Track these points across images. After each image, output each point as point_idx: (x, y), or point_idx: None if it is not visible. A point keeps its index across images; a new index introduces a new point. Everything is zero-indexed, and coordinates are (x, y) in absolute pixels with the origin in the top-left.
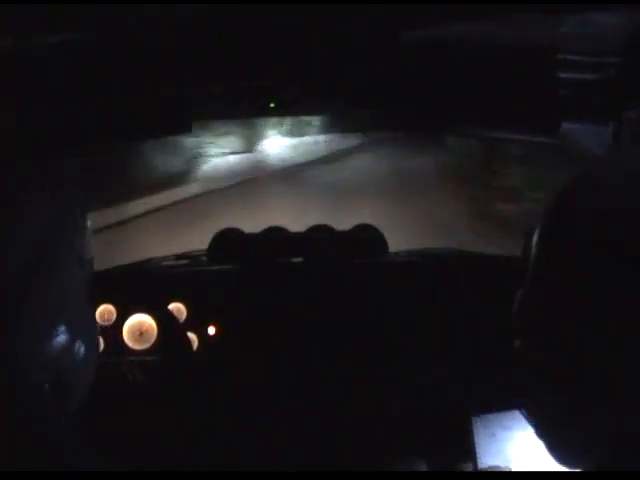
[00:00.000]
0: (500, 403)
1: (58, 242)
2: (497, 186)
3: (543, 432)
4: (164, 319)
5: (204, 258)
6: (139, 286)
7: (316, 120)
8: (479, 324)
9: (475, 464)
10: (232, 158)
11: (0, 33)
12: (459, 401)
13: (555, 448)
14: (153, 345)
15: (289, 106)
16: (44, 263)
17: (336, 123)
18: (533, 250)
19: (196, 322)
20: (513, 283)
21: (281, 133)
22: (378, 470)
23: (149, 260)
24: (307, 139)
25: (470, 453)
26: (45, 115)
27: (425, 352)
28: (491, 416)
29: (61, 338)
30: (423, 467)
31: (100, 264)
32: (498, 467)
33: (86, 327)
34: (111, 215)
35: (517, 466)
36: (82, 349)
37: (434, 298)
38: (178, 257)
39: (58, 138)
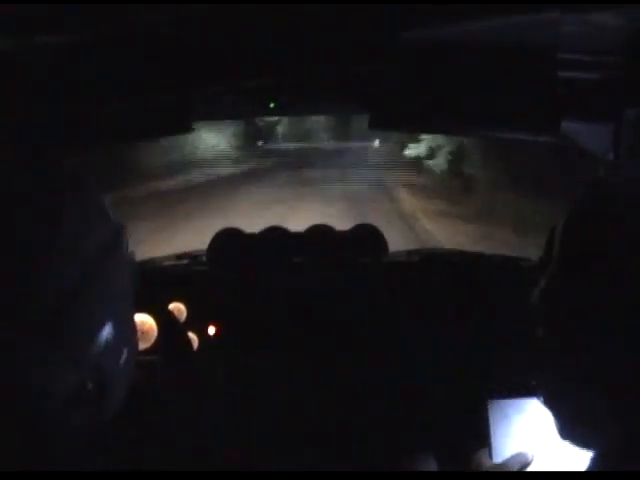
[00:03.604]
0: (513, 389)
1: (106, 236)
2: None
3: (558, 412)
4: (164, 319)
5: (204, 258)
6: (139, 286)
7: None
8: (479, 323)
9: (490, 447)
10: None
11: (0, 33)
12: (474, 387)
13: (568, 428)
14: (153, 345)
15: (289, 106)
16: (95, 261)
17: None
18: (556, 246)
19: (196, 322)
20: (512, 282)
21: None
22: (392, 457)
23: (149, 260)
24: None
25: (485, 437)
26: (45, 115)
27: (425, 350)
28: (506, 401)
29: (108, 338)
30: (438, 453)
31: None
32: (514, 452)
33: (129, 328)
34: None
35: (531, 449)
36: (125, 351)
37: (434, 297)
38: (178, 257)
39: (58, 138)
